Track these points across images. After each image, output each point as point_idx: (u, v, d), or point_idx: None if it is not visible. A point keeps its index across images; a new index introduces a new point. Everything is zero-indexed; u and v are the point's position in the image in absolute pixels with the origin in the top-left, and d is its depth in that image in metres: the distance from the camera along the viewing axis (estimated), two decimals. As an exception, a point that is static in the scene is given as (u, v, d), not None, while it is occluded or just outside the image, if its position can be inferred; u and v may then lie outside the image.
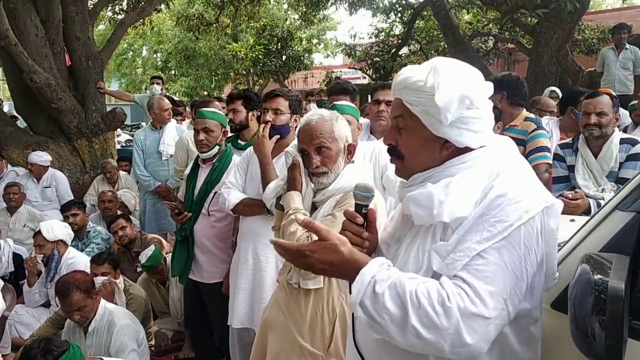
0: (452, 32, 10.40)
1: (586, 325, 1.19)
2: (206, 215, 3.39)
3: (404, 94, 1.38)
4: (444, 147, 1.37)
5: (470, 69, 1.39)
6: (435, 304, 1.18)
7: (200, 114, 3.46)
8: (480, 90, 1.36)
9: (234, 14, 13.94)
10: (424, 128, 1.36)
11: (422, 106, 1.34)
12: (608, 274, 1.21)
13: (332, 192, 2.20)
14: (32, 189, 5.88)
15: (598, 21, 10.74)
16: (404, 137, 1.41)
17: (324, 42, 22.53)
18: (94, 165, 6.99)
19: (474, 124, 1.35)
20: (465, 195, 1.28)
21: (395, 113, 1.43)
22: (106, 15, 11.55)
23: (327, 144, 2.16)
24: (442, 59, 1.40)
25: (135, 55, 26.03)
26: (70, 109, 6.75)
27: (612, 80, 7.64)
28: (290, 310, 2.33)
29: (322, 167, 2.18)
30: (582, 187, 3.06)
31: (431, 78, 1.32)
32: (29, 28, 6.56)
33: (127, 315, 3.50)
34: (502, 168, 1.31)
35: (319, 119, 2.21)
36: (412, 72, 1.37)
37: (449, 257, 1.24)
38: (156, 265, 4.26)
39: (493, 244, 1.22)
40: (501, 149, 1.39)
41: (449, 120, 1.31)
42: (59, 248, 4.28)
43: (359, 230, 1.45)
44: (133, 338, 3.33)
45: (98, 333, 3.34)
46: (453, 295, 1.19)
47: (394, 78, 1.46)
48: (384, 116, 3.52)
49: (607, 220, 1.44)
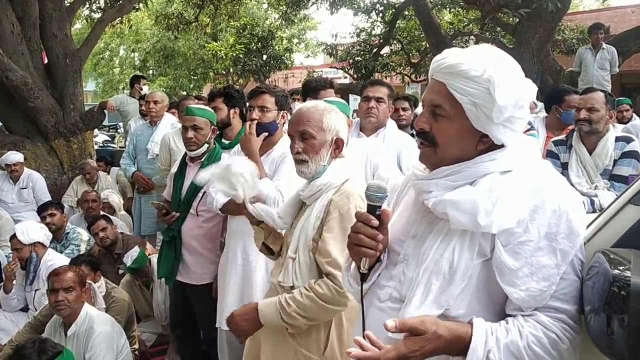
0: (434, 31, 10.44)
1: (605, 323, 1.15)
2: (194, 215, 3.31)
3: (450, 79, 1.29)
4: (480, 141, 1.32)
5: (519, 66, 1.34)
6: (551, 350, 1.22)
7: (189, 111, 3.37)
8: (530, 91, 1.33)
9: (213, 13, 13.81)
10: (465, 119, 1.30)
11: (472, 97, 1.27)
12: (627, 269, 1.17)
13: (319, 188, 2.11)
14: (8, 190, 5.73)
15: (577, 22, 10.94)
16: (441, 124, 1.33)
17: (304, 42, 22.50)
18: (72, 165, 6.86)
19: (518, 123, 1.32)
20: (512, 206, 1.25)
21: (434, 98, 1.34)
22: (83, 13, 11.34)
23: (312, 132, 2.09)
24: (496, 50, 1.34)
25: (112, 54, 25.64)
26: (47, 108, 6.61)
27: (590, 80, 7.76)
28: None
29: (303, 154, 2.10)
30: (575, 185, 3.06)
31: (490, 70, 1.26)
32: (5, 25, 6.41)
33: (107, 322, 3.39)
34: (539, 176, 1.31)
35: (312, 106, 2.16)
36: (463, 59, 1.29)
37: (530, 287, 1.24)
38: (142, 268, 4.16)
39: (568, 261, 1.25)
40: (526, 148, 1.37)
41: (501, 119, 1.27)
42: (37, 250, 4.15)
43: (373, 233, 1.37)
44: (110, 347, 3.24)
45: (77, 337, 3.24)
46: (561, 332, 1.23)
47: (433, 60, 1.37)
48: (374, 113, 3.47)
49: (620, 215, 1.40)
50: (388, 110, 3.55)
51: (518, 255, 1.24)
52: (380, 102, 3.45)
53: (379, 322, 1.39)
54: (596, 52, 7.83)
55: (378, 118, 3.46)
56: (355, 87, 10.80)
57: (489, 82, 1.25)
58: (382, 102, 3.45)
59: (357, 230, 1.38)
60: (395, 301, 1.38)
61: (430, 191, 1.35)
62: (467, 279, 1.27)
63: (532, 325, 1.23)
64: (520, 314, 1.26)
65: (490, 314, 1.30)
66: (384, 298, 1.41)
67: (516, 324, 1.24)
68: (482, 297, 1.29)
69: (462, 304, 1.28)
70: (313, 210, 2.14)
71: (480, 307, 1.29)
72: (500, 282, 1.24)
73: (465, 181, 1.32)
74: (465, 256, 1.27)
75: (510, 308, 1.28)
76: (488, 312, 1.29)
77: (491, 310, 1.30)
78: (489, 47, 1.35)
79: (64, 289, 3.19)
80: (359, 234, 1.37)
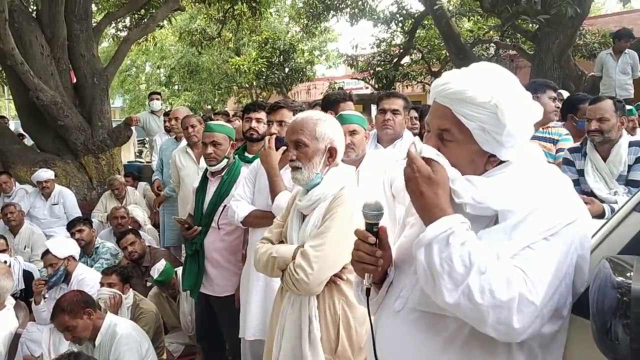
0: (453, 40, 10.43)
1: (609, 328, 1.18)
2: (216, 228, 3.38)
3: (456, 106, 1.31)
4: (489, 161, 1.35)
5: (522, 87, 1.36)
6: (501, 277, 1.20)
7: (208, 128, 3.47)
8: (536, 112, 1.35)
9: (235, 28, 14.05)
10: (473, 142, 1.32)
11: (480, 122, 1.29)
12: (630, 276, 1.20)
13: (317, 197, 2.21)
14: (40, 207, 5.92)
15: (599, 25, 10.80)
16: (449, 149, 1.34)
17: (325, 54, 22.62)
18: (101, 181, 7.03)
19: (523, 140, 1.34)
20: (517, 192, 1.29)
21: (441, 123, 1.35)
22: (109, 32, 11.65)
23: (305, 140, 2.21)
24: (497, 69, 1.36)
25: (138, 71, 26.18)
26: (76, 125, 6.81)
27: (613, 85, 7.66)
28: (291, 317, 2.29)
29: (297, 161, 2.22)
30: (595, 190, 3.05)
31: (497, 96, 1.28)
32: (35, 47, 6.64)
33: (130, 326, 3.45)
34: (544, 177, 1.34)
35: (306, 116, 2.27)
36: (468, 85, 1.30)
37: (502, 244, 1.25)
38: (169, 280, 4.26)
39: (543, 238, 1.24)
40: (533, 157, 1.40)
41: (512, 143, 1.30)
42: (69, 264, 4.28)
43: (372, 250, 1.42)
44: (133, 349, 3.27)
45: (103, 346, 3.31)
46: (518, 276, 1.20)
47: (434, 84, 1.41)
48: (390, 125, 3.53)
49: (625, 223, 1.42)
50: (404, 121, 3.60)
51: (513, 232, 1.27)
52: (396, 114, 3.50)
53: (395, 331, 1.44)
54: (618, 57, 7.72)
55: (394, 129, 3.52)
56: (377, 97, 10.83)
57: (497, 108, 1.27)
58: (397, 113, 3.51)
59: (357, 248, 1.44)
60: (410, 311, 1.41)
61: None
62: None
63: (503, 261, 1.23)
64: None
65: None
66: (399, 308, 1.44)
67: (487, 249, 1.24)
68: None
69: None
70: (310, 219, 2.23)
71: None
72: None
73: None
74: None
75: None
76: None
77: None
78: (491, 66, 1.37)
79: (67, 330, 3.24)
80: (358, 251, 1.43)
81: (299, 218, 2.31)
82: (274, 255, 2.25)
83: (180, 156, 4.95)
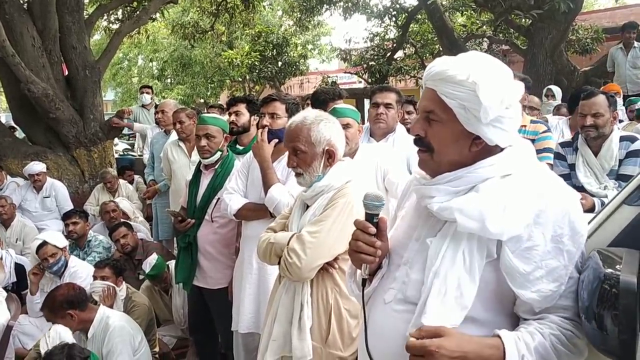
0: (446, 34, 10.44)
1: (598, 319, 1.20)
2: (209, 221, 3.38)
3: (439, 86, 1.35)
4: (474, 143, 1.37)
5: (506, 68, 1.39)
6: (571, 346, 1.29)
7: (201, 120, 3.46)
8: (516, 91, 1.38)
9: (228, 22, 13.97)
10: (456, 122, 1.35)
11: (460, 100, 1.32)
12: (618, 268, 1.21)
13: (321, 189, 2.23)
14: (31, 200, 5.89)
15: (591, 21, 10.81)
16: (434, 129, 1.39)
17: (318, 48, 22.53)
18: (93, 174, 7.00)
19: (507, 123, 1.35)
20: (519, 212, 1.29)
21: (427, 104, 1.39)
22: (101, 25, 11.56)
23: (302, 147, 2.23)
24: (481, 54, 1.39)
25: (130, 64, 25.99)
26: (68, 118, 6.76)
27: (624, 80, 7.68)
28: (284, 302, 2.30)
29: (298, 168, 2.26)
30: (585, 185, 3.07)
31: (474, 74, 1.31)
32: (26, 39, 6.58)
33: (123, 318, 3.46)
34: (540, 180, 1.35)
35: (300, 121, 2.27)
36: (450, 65, 1.35)
37: (541, 288, 1.28)
38: (160, 274, 4.25)
39: (574, 261, 1.31)
40: (524, 151, 1.41)
41: (489, 119, 1.32)
42: (66, 255, 4.27)
43: (371, 240, 1.44)
44: (126, 341, 3.28)
45: (96, 338, 3.32)
46: (574, 327, 1.30)
47: (427, 75, 1.42)
48: (383, 119, 3.53)
49: (615, 216, 1.44)
50: (397, 115, 3.61)
51: (528, 260, 1.28)
52: (389, 108, 3.51)
53: (384, 322, 1.45)
54: (628, 51, 7.71)
55: (387, 123, 3.52)
56: (370, 91, 10.83)
57: (475, 85, 1.30)
58: (390, 107, 3.51)
59: (356, 238, 1.45)
60: (400, 302, 1.43)
61: (433, 196, 1.39)
62: (479, 279, 1.31)
63: (549, 326, 1.28)
64: (532, 318, 1.31)
65: (499, 313, 1.35)
66: (389, 299, 1.46)
67: (536, 328, 1.29)
68: (490, 296, 1.33)
69: (477, 305, 1.32)
70: (311, 209, 2.26)
71: (490, 306, 1.34)
72: (511, 286, 1.29)
73: (466, 186, 1.36)
74: (476, 257, 1.32)
75: (522, 310, 1.33)
76: (497, 311, 1.34)
77: (499, 310, 1.35)
78: (477, 53, 1.40)
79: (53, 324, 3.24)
80: (357, 241, 1.44)
81: (302, 208, 2.33)
82: (271, 241, 2.28)
83: (172, 149, 4.95)
